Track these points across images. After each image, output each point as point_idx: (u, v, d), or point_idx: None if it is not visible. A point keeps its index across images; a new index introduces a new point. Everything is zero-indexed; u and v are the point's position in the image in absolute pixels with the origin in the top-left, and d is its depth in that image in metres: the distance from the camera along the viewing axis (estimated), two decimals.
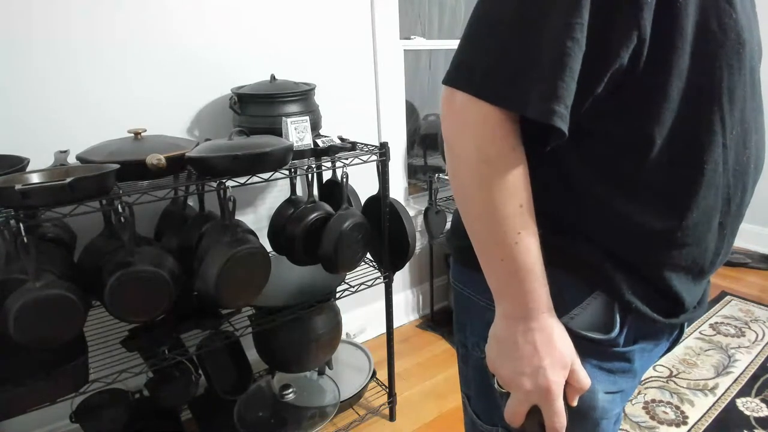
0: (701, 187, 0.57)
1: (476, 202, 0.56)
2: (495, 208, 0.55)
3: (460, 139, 0.56)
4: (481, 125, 0.54)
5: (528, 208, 0.56)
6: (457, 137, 0.56)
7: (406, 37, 2.22)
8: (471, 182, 0.56)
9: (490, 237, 0.57)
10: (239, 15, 1.66)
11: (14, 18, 1.32)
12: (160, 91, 1.57)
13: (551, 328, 0.58)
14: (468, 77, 0.54)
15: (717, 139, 0.56)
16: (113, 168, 1.11)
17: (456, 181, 0.58)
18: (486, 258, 0.59)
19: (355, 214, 1.50)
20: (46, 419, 1.60)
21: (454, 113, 0.56)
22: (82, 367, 1.16)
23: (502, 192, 0.54)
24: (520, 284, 0.57)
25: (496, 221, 0.55)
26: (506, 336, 0.60)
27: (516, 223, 0.55)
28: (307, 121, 1.48)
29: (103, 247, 1.21)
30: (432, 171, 2.35)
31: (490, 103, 0.52)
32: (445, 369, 2.15)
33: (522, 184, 0.55)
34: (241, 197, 1.73)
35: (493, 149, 0.54)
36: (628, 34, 0.50)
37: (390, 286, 1.70)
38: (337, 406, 1.70)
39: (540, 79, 0.50)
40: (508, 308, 0.59)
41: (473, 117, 0.54)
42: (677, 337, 0.72)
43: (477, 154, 0.54)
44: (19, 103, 1.36)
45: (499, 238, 0.56)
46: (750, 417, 1.77)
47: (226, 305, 1.28)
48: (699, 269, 0.62)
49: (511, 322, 0.59)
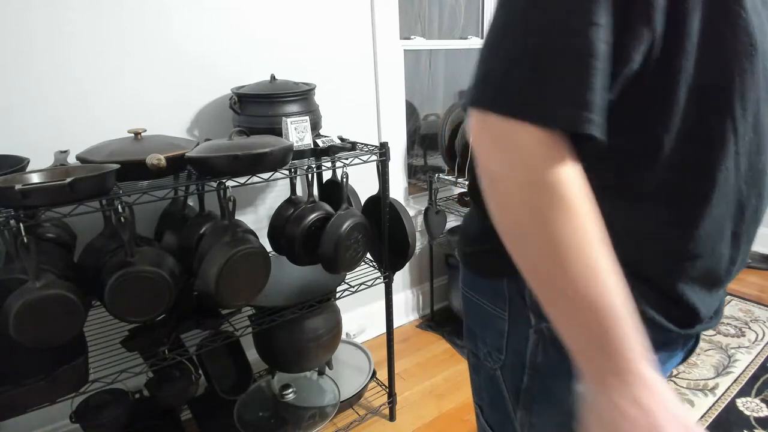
0: (712, 195, 0.54)
1: (545, 241, 0.47)
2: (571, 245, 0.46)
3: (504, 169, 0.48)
4: (528, 149, 0.46)
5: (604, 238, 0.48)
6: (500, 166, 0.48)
7: (406, 37, 2.22)
8: (531, 219, 0.47)
9: (563, 278, 0.47)
10: (239, 15, 1.66)
11: (14, 18, 1.32)
12: (160, 91, 1.57)
13: (656, 380, 0.47)
14: (497, 96, 0.47)
15: (729, 145, 0.53)
16: (113, 168, 1.11)
17: (506, 218, 0.50)
18: (562, 308, 0.49)
19: (355, 214, 1.50)
20: (46, 419, 1.60)
21: (492, 140, 0.48)
22: (82, 367, 1.15)
23: (576, 226, 0.46)
24: (615, 330, 0.46)
25: (571, 260, 0.46)
26: (610, 408, 0.47)
27: (598, 257, 0.46)
28: (307, 121, 1.48)
29: (103, 247, 1.21)
30: (432, 171, 2.35)
31: (532, 123, 0.46)
32: (445, 369, 2.15)
33: (592, 209, 0.48)
34: (241, 197, 1.73)
35: (549, 174, 0.46)
36: (640, 36, 0.47)
37: (390, 286, 1.70)
38: (337, 406, 1.70)
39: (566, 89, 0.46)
40: (601, 366, 0.48)
41: (516, 140, 0.46)
42: (692, 348, 0.69)
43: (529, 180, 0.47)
44: (19, 103, 1.36)
45: (579, 280, 0.46)
46: (750, 417, 1.77)
47: (226, 305, 1.28)
48: (714, 280, 0.60)
49: (611, 385, 0.47)
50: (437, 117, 2.53)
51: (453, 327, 2.43)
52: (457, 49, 2.50)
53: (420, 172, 2.54)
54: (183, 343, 1.43)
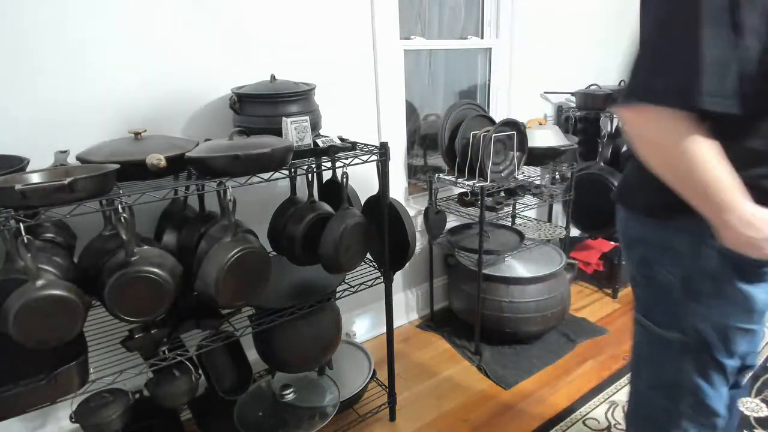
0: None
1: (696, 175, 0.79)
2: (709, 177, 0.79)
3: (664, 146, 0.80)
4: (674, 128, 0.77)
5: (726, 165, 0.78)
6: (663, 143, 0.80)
7: (406, 37, 2.23)
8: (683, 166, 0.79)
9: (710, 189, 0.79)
10: (239, 15, 1.66)
11: (14, 18, 1.32)
12: (160, 91, 1.57)
13: (755, 209, 0.80)
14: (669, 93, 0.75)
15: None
16: (113, 168, 1.11)
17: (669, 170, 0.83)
18: (698, 197, 0.82)
19: (355, 214, 1.50)
20: (46, 419, 1.60)
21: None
22: (82, 367, 1.15)
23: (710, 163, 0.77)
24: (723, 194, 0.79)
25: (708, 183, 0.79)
26: (730, 232, 0.81)
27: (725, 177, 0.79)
28: (307, 121, 1.48)
29: (103, 247, 1.21)
30: (432, 171, 2.35)
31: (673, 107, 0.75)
32: (445, 369, 2.15)
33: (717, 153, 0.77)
34: (241, 197, 1.73)
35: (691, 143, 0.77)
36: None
37: (390, 286, 1.70)
38: (337, 406, 1.70)
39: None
40: (717, 216, 0.81)
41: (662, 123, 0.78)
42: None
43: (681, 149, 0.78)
44: (19, 104, 1.36)
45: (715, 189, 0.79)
46: (750, 417, 1.77)
47: (225, 305, 1.27)
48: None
49: (728, 221, 0.81)
50: (437, 117, 2.53)
51: (453, 327, 2.43)
52: (457, 49, 2.50)
53: (420, 172, 2.54)
54: (183, 343, 1.43)
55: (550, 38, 2.69)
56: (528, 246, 2.34)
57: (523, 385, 2.03)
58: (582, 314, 2.54)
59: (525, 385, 2.03)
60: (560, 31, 2.72)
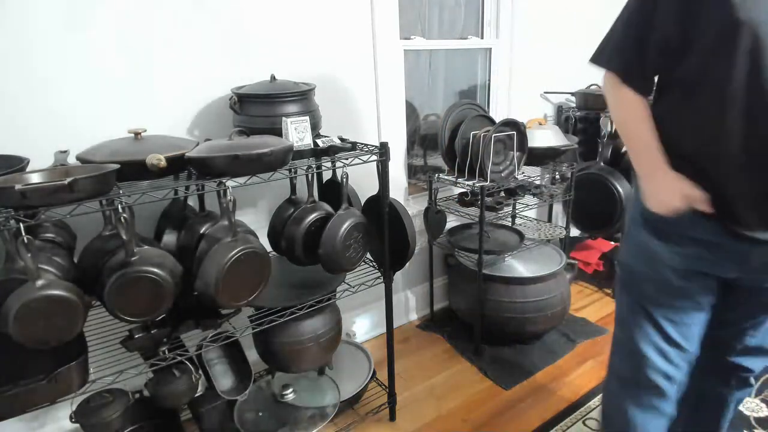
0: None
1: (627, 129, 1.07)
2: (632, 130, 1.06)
3: (608, 95, 1.08)
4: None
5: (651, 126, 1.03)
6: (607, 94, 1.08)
7: (406, 37, 2.22)
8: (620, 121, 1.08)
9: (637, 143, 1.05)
10: (239, 15, 1.66)
11: (15, 18, 1.32)
12: (160, 91, 1.57)
13: (668, 174, 1.01)
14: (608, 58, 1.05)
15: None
16: (113, 168, 1.11)
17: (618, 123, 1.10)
18: (630, 149, 1.08)
19: (355, 214, 1.50)
20: (46, 419, 1.60)
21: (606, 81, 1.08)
22: (82, 367, 1.16)
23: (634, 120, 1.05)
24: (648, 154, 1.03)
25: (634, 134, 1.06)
26: (648, 186, 1.05)
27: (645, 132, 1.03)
28: (307, 121, 1.48)
29: (103, 247, 1.21)
30: (432, 171, 2.35)
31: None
32: (445, 369, 2.15)
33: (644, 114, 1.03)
34: (241, 197, 1.73)
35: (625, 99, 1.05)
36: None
37: (390, 286, 1.70)
38: (337, 406, 1.70)
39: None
40: (643, 172, 1.05)
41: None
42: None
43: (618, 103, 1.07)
44: (19, 104, 1.36)
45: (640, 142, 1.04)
46: (750, 417, 1.77)
47: (225, 305, 1.27)
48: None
49: (648, 176, 1.04)
50: (437, 117, 2.53)
51: (453, 327, 2.43)
52: (457, 49, 2.50)
53: (420, 172, 2.54)
54: (183, 343, 1.43)
55: (550, 38, 2.69)
56: (528, 246, 2.34)
57: (523, 385, 2.03)
58: (582, 314, 2.54)
59: (525, 385, 2.03)
60: (560, 31, 2.72)
